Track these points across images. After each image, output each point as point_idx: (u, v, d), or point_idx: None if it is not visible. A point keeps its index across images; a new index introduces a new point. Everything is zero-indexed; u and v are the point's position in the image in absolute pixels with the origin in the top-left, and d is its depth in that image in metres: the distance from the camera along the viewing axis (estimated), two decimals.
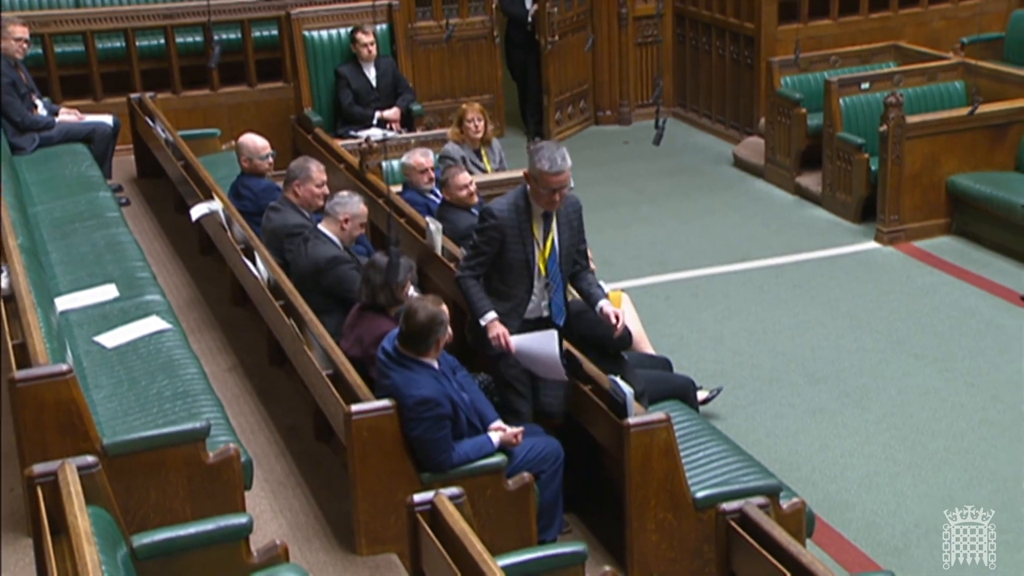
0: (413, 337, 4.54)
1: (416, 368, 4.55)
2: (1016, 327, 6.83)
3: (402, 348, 4.57)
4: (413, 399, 4.48)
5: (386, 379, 4.58)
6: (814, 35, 9.86)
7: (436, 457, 4.52)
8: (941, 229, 8.18)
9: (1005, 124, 8.12)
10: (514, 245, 4.83)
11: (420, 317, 4.52)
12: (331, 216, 5.82)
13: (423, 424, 4.48)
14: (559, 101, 10.73)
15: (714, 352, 6.85)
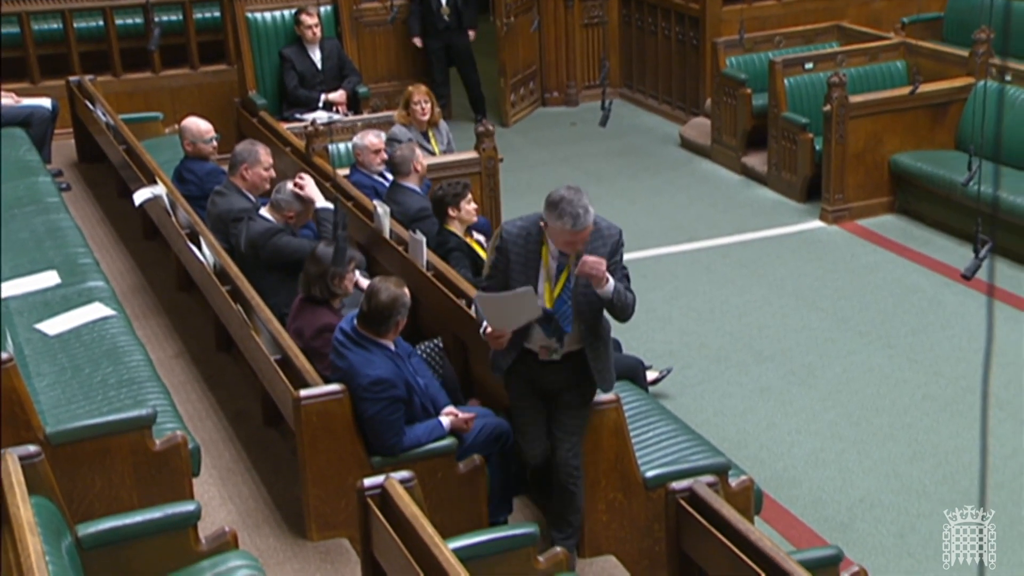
0: (374, 317, 4.52)
1: (373, 349, 4.53)
2: (956, 303, 6.93)
3: (361, 328, 4.55)
4: (369, 379, 4.46)
5: (342, 360, 4.55)
6: (758, 15, 9.91)
7: (388, 439, 4.50)
8: (884, 207, 8.28)
9: (945, 103, 8.22)
10: (517, 275, 4.25)
11: (382, 298, 4.50)
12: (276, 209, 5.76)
13: (377, 405, 4.46)
14: (512, 83, 10.69)
15: (663, 332, 6.88)
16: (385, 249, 5.98)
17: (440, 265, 5.62)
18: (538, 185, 9.28)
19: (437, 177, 7.03)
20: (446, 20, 9.94)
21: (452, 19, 9.97)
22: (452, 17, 9.97)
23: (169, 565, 3.83)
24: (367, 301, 4.54)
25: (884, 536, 5.08)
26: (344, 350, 4.55)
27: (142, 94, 8.98)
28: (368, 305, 4.53)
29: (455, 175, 7.11)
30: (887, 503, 5.27)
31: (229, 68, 9.14)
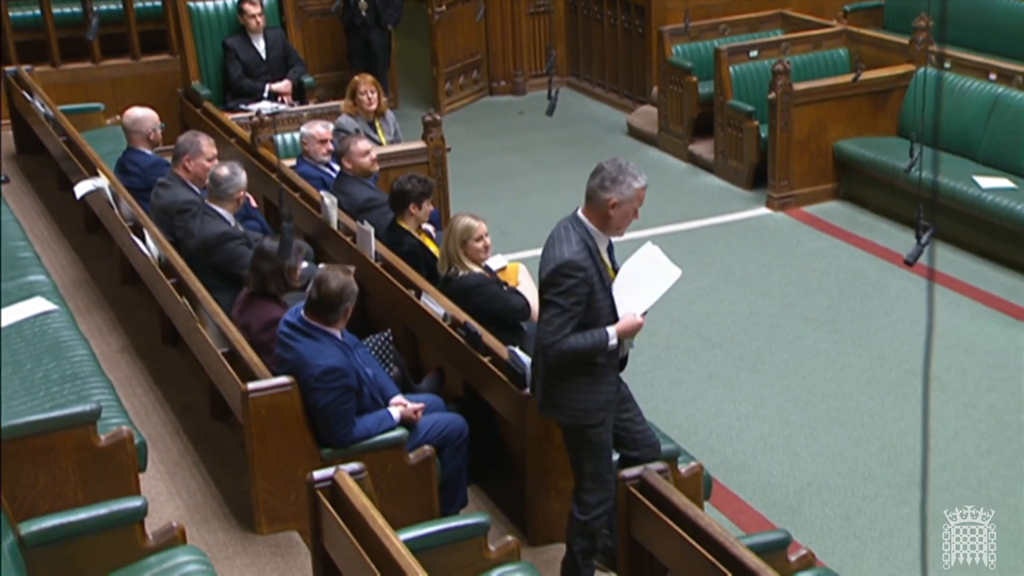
0: (323, 305, 4.49)
1: (322, 338, 4.50)
2: (900, 288, 7.04)
3: (309, 317, 4.52)
4: (320, 368, 4.42)
5: (289, 352, 4.51)
6: (703, 4, 9.95)
7: (339, 430, 4.48)
8: (829, 194, 8.37)
9: (887, 90, 8.32)
10: (599, 291, 4.01)
11: (331, 285, 4.47)
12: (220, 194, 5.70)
13: (330, 395, 4.43)
14: (448, 72, 10.65)
15: None
16: (333, 240, 5.94)
17: (389, 256, 5.60)
18: (486, 175, 9.28)
19: (385, 167, 7.00)
20: (363, 16, 9.77)
21: (370, 16, 9.79)
22: (370, 14, 9.79)
23: (115, 562, 3.78)
24: (316, 289, 4.50)
25: (831, 519, 5.15)
26: (292, 341, 4.52)
27: (82, 85, 8.82)
28: (317, 293, 4.49)
29: (402, 165, 7.08)
30: (834, 486, 5.34)
31: (171, 58, 9.01)
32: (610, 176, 4.06)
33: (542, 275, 4.03)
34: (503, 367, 4.66)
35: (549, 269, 3.99)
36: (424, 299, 5.20)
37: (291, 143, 7.60)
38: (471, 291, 5.30)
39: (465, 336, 4.84)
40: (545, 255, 4.03)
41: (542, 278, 4.02)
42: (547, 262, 4.01)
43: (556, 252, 4.01)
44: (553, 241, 4.06)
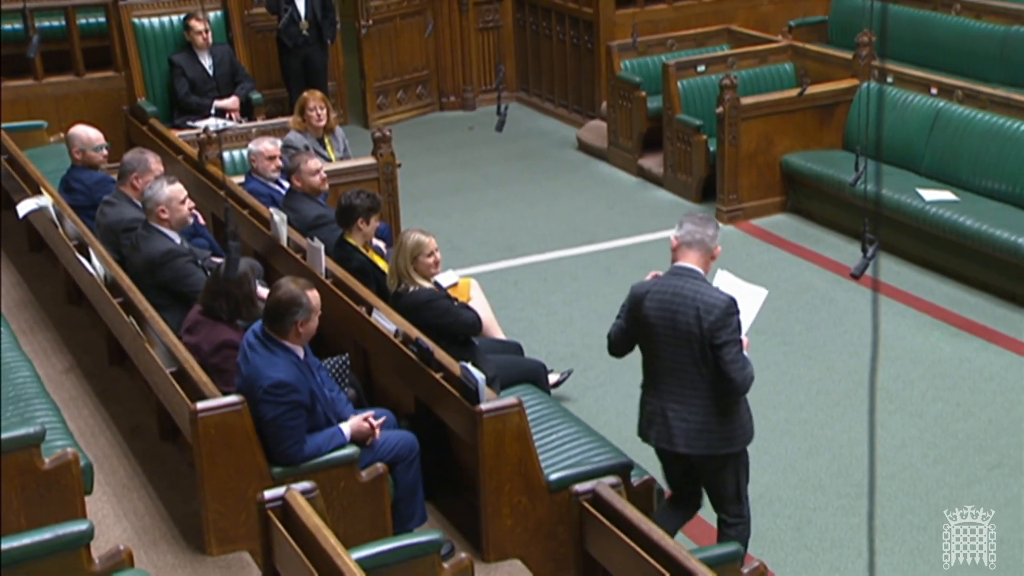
0: (270, 314, 4.51)
1: (278, 352, 4.50)
2: (848, 300, 7.13)
3: (266, 327, 4.53)
4: (269, 380, 4.41)
5: (247, 364, 4.51)
6: (651, 19, 10.06)
7: (288, 446, 4.44)
8: (777, 207, 8.47)
9: (832, 104, 8.44)
10: None
11: (279, 294, 4.50)
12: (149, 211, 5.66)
13: (277, 408, 4.41)
14: (382, 87, 10.68)
15: (564, 335, 6.93)
16: (283, 257, 5.90)
17: (340, 273, 5.57)
18: (436, 190, 9.29)
19: (335, 183, 6.97)
20: (305, 35, 9.58)
21: (312, 33, 9.63)
22: (312, 31, 9.63)
23: None
24: (268, 297, 4.53)
25: (782, 531, 5.19)
26: (251, 353, 4.52)
27: (24, 102, 8.70)
28: (267, 303, 4.52)
29: (352, 181, 7.07)
30: (785, 498, 5.38)
31: (116, 75, 8.92)
32: (707, 224, 4.40)
33: (704, 323, 4.25)
34: (455, 383, 4.65)
35: (716, 314, 4.25)
36: (375, 315, 5.18)
37: (239, 160, 7.56)
38: (422, 306, 5.30)
39: (417, 352, 4.83)
40: (698, 304, 4.27)
41: (710, 325, 4.24)
42: (711, 308, 4.25)
43: (711, 298, 4.29)
44: (695, 292, 4.31)
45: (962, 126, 7.68)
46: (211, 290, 4.99)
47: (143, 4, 8.76)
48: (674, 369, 4.36)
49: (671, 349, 4.34)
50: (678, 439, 4.39)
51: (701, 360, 4.30)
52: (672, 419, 4.38)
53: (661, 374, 4.40)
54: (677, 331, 4.31)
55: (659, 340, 4.36)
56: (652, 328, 4.37)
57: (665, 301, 4.34)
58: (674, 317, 4.31)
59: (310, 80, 9.55)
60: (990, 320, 6.79)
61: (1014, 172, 7.31)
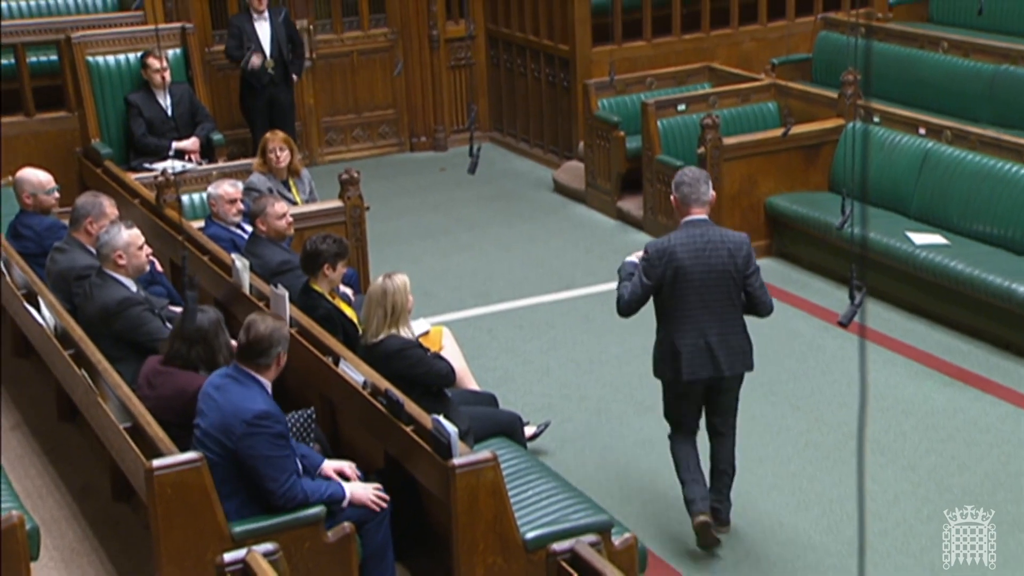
0: (253, 349, 4.54)
1: (252, 386, 4.54)
2: (836, 347, 7.18)
3: (241, 362, 4.56)
4: (252, 412, 4.44)
5: (211, 403, 4.51)
6: (629, 56, 10.18)
7: (284, 481, 4.45)
8: (762, 250, 8.51)
9: (817, 144, 8.56)
10: None
11: (261, 329, 4.54)
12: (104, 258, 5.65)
13: (264, 440, 4.43)
14: (332, 123, 10.86)
15: (541, 385, 6.94)
16: (245, 305, 5.90)
17: (305, 321, 5.57)
18: (406, 234, 9.31)
19: (300, 228, 6.98)
20: (271, 74, 9.65)
21: (277, 74, 9.68)
22: (277, 70, 9.69)
23: None
24: (245, 333, 4.57)
25: None
26: (220, 392, 4.53)
27: None
28: (247, 337, 4.55)
29: (319, 225, 7.08)
30: (773, 556, 5.39)
31: (69, 115, 8.93)
32: (704, 179, 5.25)
33: (738, 260, 5.19)
34: (427, 437, 4.65)
35: (745, 250, 5.22)
36: (342, 366, 5.18)
37: (199, 204, 7.56)
38: (394, 356, 5.30)
39: (386, 404, 4.82)
40: (728, 245, 5.19)
41: (742, 260, 5.19)
42: (739, 245, 5.21)
43: (735, 238, 5.25)
44: (720, 235, 5.23)
45: (952, 167, 7.79)
46: (187, 337, 4.99)
47: (98, 41, 8.79)
48: (710, 305, 5.18)
49: (708, 288, 5.18)
50: (724, 363, 5.23)
51: (735, 292, 5.22)
52: (716, 348, 5.21)
53: (696, 314, 5.19)
54: (713, 271, 5.16)
55: (694, 283, 5.16)
56: (687, 273, 5.16)
57: (698, 248, 5.17)
58: (709, 259, 5.16)
59: (275, 120, 9.59)
60: (984, 369, 6.85)
61: (1006, 215, 7.41)
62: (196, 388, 4.91)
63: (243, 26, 9.67)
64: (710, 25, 10.54)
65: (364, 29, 10.95)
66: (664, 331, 5.31)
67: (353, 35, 10.90)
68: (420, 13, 10.94)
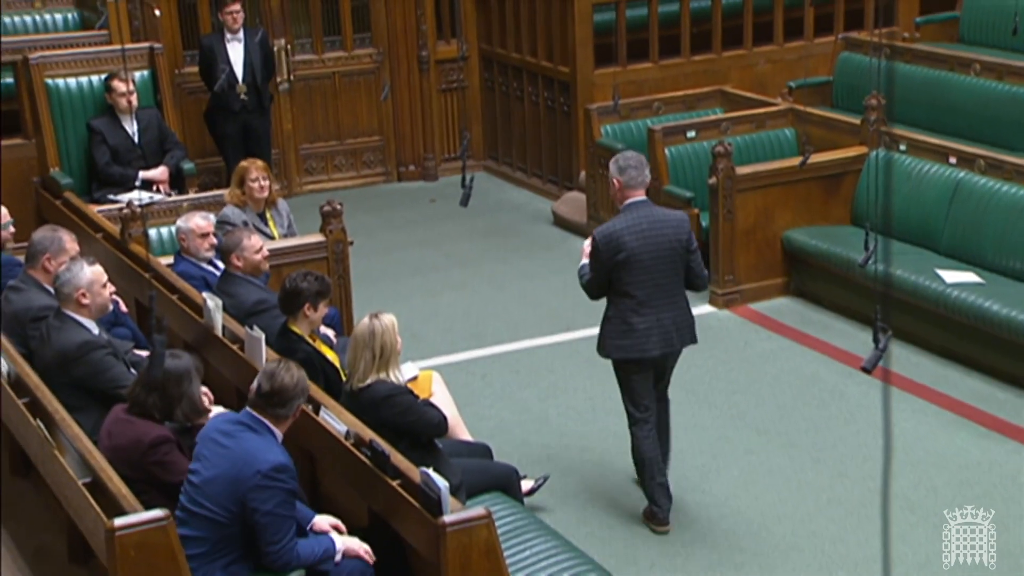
0: (275, 398, 4.60)
1: (268, 436, 4.59)
2: (860, 395, 7.18)
3: (257, 411, 4.61)
4: (270, 464, 4.47)
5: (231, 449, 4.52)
6: (634, 79, 10.26)
7: (284, 543, 4.48)
8: (779, 289, 8.57)
9: (839, 174, 8.60)
10: None
11: (287, 379, 4.60)
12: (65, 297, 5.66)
13: (276, 496, 4.46)
14: (312, 151, 10.95)
15: (539, 435, 6.93)
16: (217, 348, 5.90)
17: None
18: (393, 271, 9.35)
19: (277, 264, 7.01)
20: (244, 100, 9.77)
21: (251, 98, 9.81)
22: (250, 96, 9.81)
23: None
24: (268, 380, 4.61)
25: None
26: (232, 439, 4.56)
27: None
28: (270, 384, 4.59)
29: (298, 262, 7.11)
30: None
31: (26, 142, 8.96)
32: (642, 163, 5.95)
33: (681, 237, 5.85)
34: (415, 492, 4.64)
35: (686, 227, 5.91)
36: (323, 415, 5.18)
37: (168, 238, 7.59)
38: (381, 403, 5.31)
39: (371, 456, 4.82)
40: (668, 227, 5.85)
41: (685, 237, 5.87)
42: (681, 223, 5.91)
43: (678, 215, 6.02)
44: (662, 215, 5.92)
45: (985, 199, 7.83)
46: (146, 384, 5.00)
47: (58, 62, 8.85)
48: (660, 283, 5.86)
49: (658, 267, 5.83)
50: (676, 338, 5.93)
51: (681, 268, 5.90)
52: (669, 324, 5.89)
53: (650, 292, 5.84)
54: (662, 250, 5.82)
55: (644, 264, 5.80)
56: (637, 256, 5.79)
57: (644, 230, 5.81)
58: (656, 239, 5.82)
59: (251, 148, 9.66)
60: (1022, 418, 6.86)
61: None
62: (153, 439, 4.90)
63: (214, 47, 9.75)
64: (722, 45, 10.63)
65: (347, 49, 11.04)
66: (617, 311, 5.89)
67: (335, 56, 11.00)
68: (408, 32, 11.04)
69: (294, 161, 10.93)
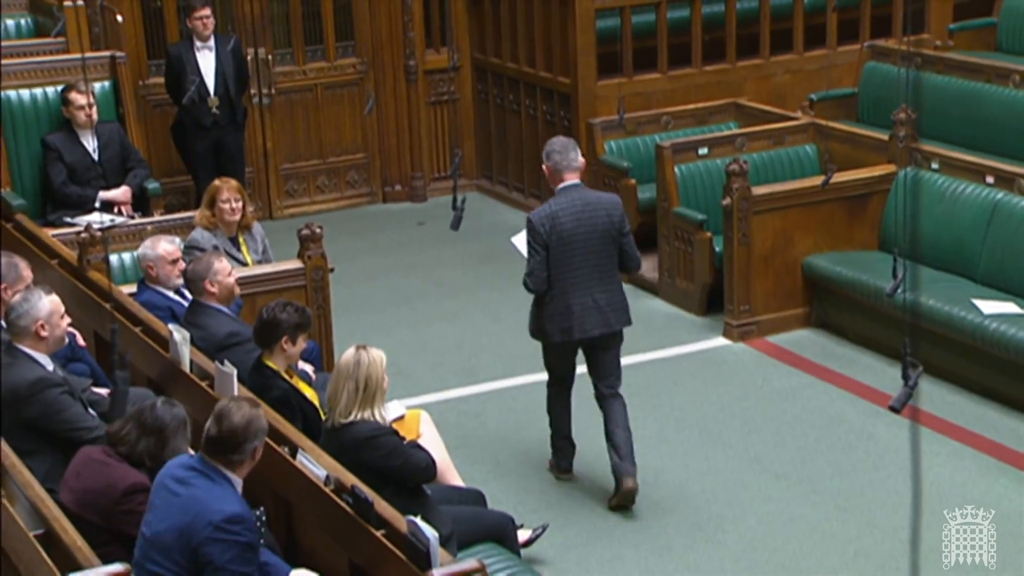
0: (224, 444, 4.57)
1: (224, 483, 4.57)
2: (889, 436, 7.18)
3: (209, 457, 4.58)
4: (223, 514, 4.45)
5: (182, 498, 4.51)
6: (641, 91, 10.29)
7: None
8: (799, 320, 8.57)
9: (864, 195, 8.62)
10: None
11: (236, 419, 4.57)
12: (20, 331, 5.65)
13: (231, 549, 4.44)
14: (293, 170, 11.02)
15: (538, 480, 6.92)
16: (185, 386, 5.90)
17: None
18: (378, 300, 9.35)
19: (251, 293, 7.01)
20: (215, 114, 9.79)
21: (223, 112, 9.83)
22: (223, 110, 9.83)
23: None
24: (216, 424, 4.59)
25: None
26: (185, 486, 4.54)
27: None
28: (217, 428, 4.57)
29: (274, 290, 7.11)
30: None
31: None
32: (573, 147, 6.57)
33: (615, 219, 6.51)
34: (401, 542, 4.63)
35: (619, 210, 6.58)
36: (300, 458, 5.17)
37: (130, 264, 7.59)
38: (363, 444, 5.31)
39: (353, 504, 4.81)
40: (600, 211, 6.49)
41: (618, 219, 6.53)
42: (614, 205, 6.58)
43: (609, 199, 6.67)
44: (592, 201, 6.55)
45: None
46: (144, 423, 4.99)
47: (10, 72, 8.85)
48: (594, 265, 6.51)
49: (591, 248, 6.48)
50: (612, 318, 6.58)
51: (613, 250, 6.54)
52: (603, 304, 6.53)
53: (582, 274, 6.49)
54: (595, 231, 6.47)
55: (577, 246, 6.46)
56: (571, 238, 6.45)
57: (578, 211, 6.46)
58: (590, 221, 6.46)
59: (223, 166, 9.67)
60: None
61: None
62: (129, 486, 4.90)
63: (183, 56, 9.77)
64: (737, 54, 10.66)
65: (330, 59, 11.09)
66: (553, 293, 6.49)
67: (317, 66, 11.04)
68: (395, 40, 11.09)
69: (272, 182, 10.94)
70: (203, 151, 9.84)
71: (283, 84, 10.91)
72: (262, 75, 10.70)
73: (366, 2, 11.01)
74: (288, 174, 11.06)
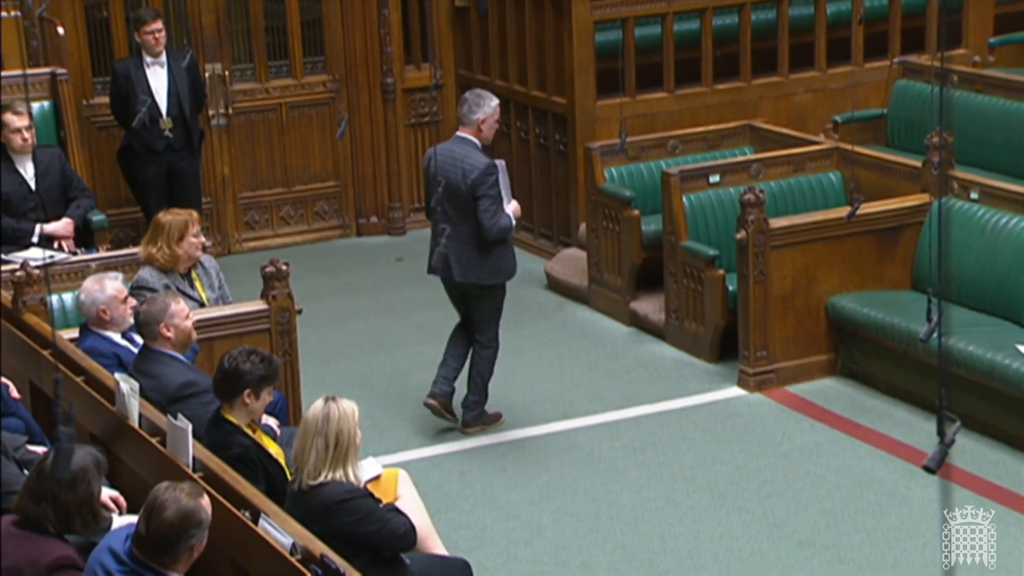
0: (156, 543, 4.55)
1: None
2: (925, 499, 7.17)
3: (140, 555, 4.56)
4: None
5: None
6: (645, 112, 10.32)
7: None
8: (823, 368, 8.58)
9: (895, 228, 8.64)
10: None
11: (167, 515, 4.54)
12: None
13: None
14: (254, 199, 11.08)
15: (530, 548, 6.92)
16: (133, 442, 5.89)
17: (214, 464, 5.57)
18: (351, 345, 9.35)
19: (209, 338, 7.01)
20: (168, 137, 9.82)
21: (177, 135, 9.85)
22: (176, 132, 9.85)
23: None
24: (145, 520, 4.56)
25: None
26: None
27: None
28: (147, 526, 4.54)
29: (233, 334, 7.11)
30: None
31: None
32: (475, 101, 7.75)
33: (469, 180, 7.57)
34: None
35: (478, 172, 7.59)
36: (263, 523, 5.17)
37: (72, 306, 7.58)
38: (335, 508, 5.30)
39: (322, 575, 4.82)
40: (459, 167, 7.63)
41: (472, 180, 7.58)
42: (470, 170, 7.59)
43: (474, 161, 7.63)
44: (460, 156, 7.67)
45: None
46: (33, 490, 4.98)
47: None
48: (450, 216, 7.71)
49: (447, 200, 7.68)
50: (455, 270, 7.77)
51: (468, 210, 7.61)
52: (450, 256, 7.74)
53: (443, 221, 7.71)
54: (450, 185, 7.65)
55: (439, 193, 7.70)
56: (435, 182, 7.72)
57: (446, 160, 7.70)
58: (449, 174, 7.66)
59: (176, 195, 9.66)
60: None
61: None
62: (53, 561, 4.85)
63: (131, 74, 9.77)
64: (752, 71, 10.71)
65: (296, 76, 11.14)
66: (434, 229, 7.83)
67: (282, 83, 11.09)
68: (371, 55, 11.14)
69: (231, 212, 10.96)
70: (155, 178, 9.84)
71: (242, 103, 10.94)
72: (218, 93, 10.72)
73: (338, 13, 11.06)
74: (248, 204, 11.08)
